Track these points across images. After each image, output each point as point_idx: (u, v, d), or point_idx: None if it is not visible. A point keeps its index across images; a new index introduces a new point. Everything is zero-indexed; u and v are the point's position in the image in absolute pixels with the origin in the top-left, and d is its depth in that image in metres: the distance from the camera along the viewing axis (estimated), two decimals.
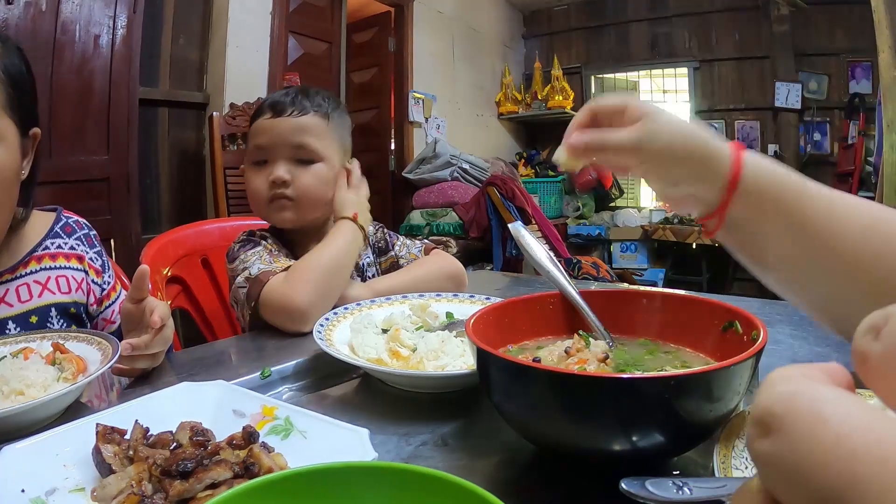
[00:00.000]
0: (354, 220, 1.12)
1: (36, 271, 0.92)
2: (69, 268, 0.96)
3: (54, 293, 0.93)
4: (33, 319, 0.90)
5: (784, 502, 0.18)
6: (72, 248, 0.98)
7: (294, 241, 1.20)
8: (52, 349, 0.74)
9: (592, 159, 0.64)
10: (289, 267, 1.04)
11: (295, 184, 1.12)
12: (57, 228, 0.98)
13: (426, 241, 1.33)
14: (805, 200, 0.58)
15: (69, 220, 1.01)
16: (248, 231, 1.16)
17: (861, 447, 0.16)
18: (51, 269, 0.94)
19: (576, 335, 0.62)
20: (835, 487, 0.16)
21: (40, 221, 0.97)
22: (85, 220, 1.04)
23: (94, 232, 1.05)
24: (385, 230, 1.33)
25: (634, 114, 0.60)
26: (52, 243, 0.96)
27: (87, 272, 0.99)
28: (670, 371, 0.55)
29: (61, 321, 0.93)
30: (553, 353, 0.59)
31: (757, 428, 0.19)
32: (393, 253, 1.30)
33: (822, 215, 0.57)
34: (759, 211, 0.59)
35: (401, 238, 1.32)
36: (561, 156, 0.64)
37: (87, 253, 1.00)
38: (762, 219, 0.59)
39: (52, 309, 0.92)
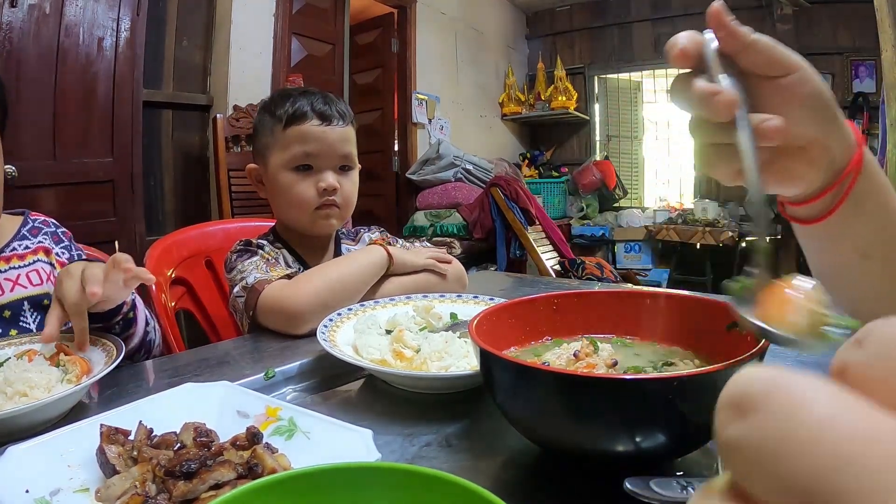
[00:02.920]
0: (383, 246, 1.13)
1: (4, 271, 0.94)
2: (37, 261, 0.98)
3: (26, 287, 0.94)
4: (6, 314, 0.91)
5: (758, 496, 0.16)
6: (39, 242, 1.00)
7: (307, 247, 1.20)
8: (56, 350, 0.74)
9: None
10: (287, 275, 1.04)
11: (341, 191, 1.14)
12: (24, 231, 1.00)
13: (426, 243, 1.34)
14: (888, 187, 0.54)
15: (36, 223, 1.03)
16: (244, 240, 1.15)
17: (852, 427, 0.15)
18: (20, 267, 0.96)
19: (584, 339, 0.62)
20: (822, 469, 0.15)
21: (7, 225, 0.99)
22: (53, 220, 1.06)
23: (63, 230, 1.06)
24: (387, 234, 1.33)
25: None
26: (20, 244, 0.98)
27: (53, 265, 1.00)
28: (674, 372, 0.55)
29: (35, 314, 0.94)
30: (561, 357, 0.58)
31: (729, 411, 0.17)
32: None
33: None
34: (872, 190, 0.53)
35: (400, 241, 1.32)
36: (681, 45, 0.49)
37: (54, 248, 1.02)
38: (874, 200, 0.53)
39: (25, 303, 0.94)
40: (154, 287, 1.22)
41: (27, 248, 0.98)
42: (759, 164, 0.44)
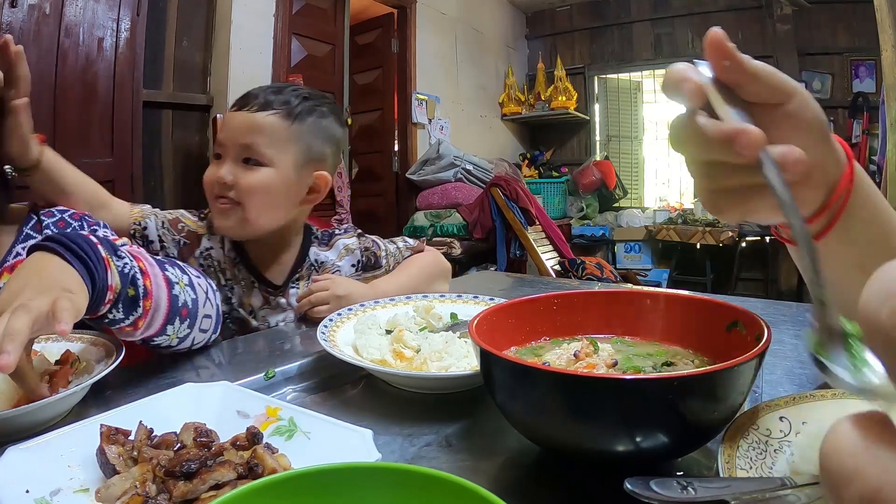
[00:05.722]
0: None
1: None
2: None
3: None
4: None
5: None
6: None
7: (257, 249, 1.14)
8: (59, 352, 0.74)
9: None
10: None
11: (238, 187, 1.03)
12: (27, 230, 0.93)
13: (407, 240, 1.29)
14: (877, 193, 0.53)
15: (39, 214, 0.95)
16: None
17: None
18: None
19: (584, 339, 0.62)
20: None
21: (12, 219, 0.92)
22: (60, 206, 0.98)
23: (71, 211, 0.98)
24: (372, 241, 1.26)
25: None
26: (24, 248, 0.90)
27: None
28: (674, 372, 0.55)
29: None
30: (561, 357, 0.58)
31: None
32: (382, 269, 1.23)
33: (888, 215, 0.54)
34: (866, 200, 0.52)
35: (383, 246, 1.25)
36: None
37: None
38: (868, 209, 0.52)
39: None
40: None
41: None
42: (794, 199, 0.40)
